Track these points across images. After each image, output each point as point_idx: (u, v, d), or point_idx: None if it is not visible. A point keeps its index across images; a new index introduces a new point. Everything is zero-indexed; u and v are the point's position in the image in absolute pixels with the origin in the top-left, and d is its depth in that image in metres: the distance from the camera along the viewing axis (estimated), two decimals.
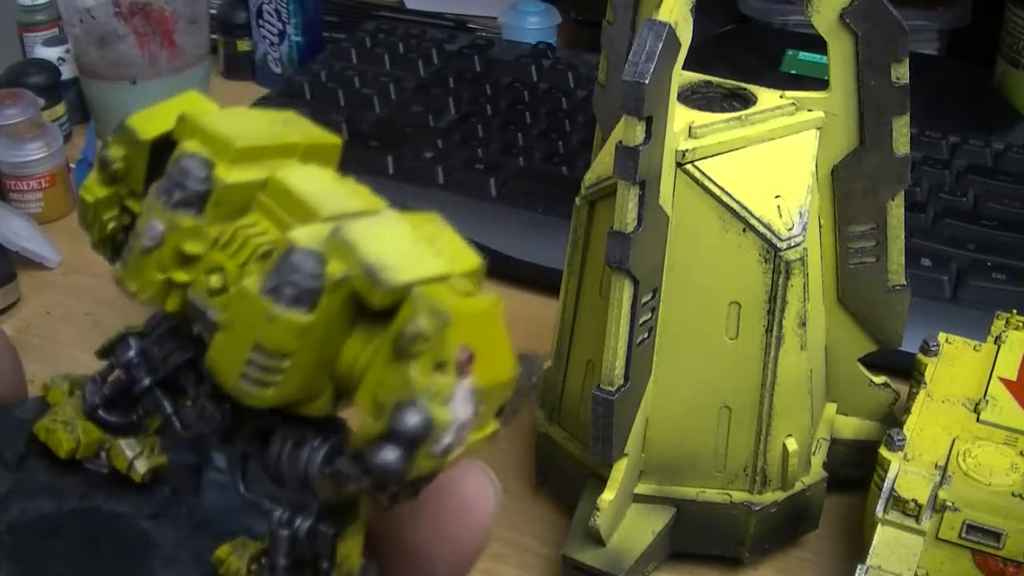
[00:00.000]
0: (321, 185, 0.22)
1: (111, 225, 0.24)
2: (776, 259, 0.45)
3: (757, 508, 0.49)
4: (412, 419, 0.19)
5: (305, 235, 0.21)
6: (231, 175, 0.22)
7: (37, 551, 0.23)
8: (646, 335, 0.45)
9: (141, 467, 0.24)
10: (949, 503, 0.45)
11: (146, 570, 0.23)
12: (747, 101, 0.48)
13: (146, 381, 0.24)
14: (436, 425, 0.19)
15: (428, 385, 0.19)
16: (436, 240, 0.21)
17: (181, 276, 0.22)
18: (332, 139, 0.24)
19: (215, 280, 0.22)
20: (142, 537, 0.24)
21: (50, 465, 0.24)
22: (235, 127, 0.23)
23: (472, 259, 0.21)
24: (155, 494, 0.25)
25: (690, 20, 0.42)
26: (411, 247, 0.21)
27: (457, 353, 0.20)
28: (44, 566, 0.23)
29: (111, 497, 0.24)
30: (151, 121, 0.23)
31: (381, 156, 0.73)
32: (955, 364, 0.52)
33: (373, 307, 0.20)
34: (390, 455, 0.19)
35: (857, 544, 0.49)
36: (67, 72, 0.85)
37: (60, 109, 0.82)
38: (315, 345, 0.20)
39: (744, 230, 0.45)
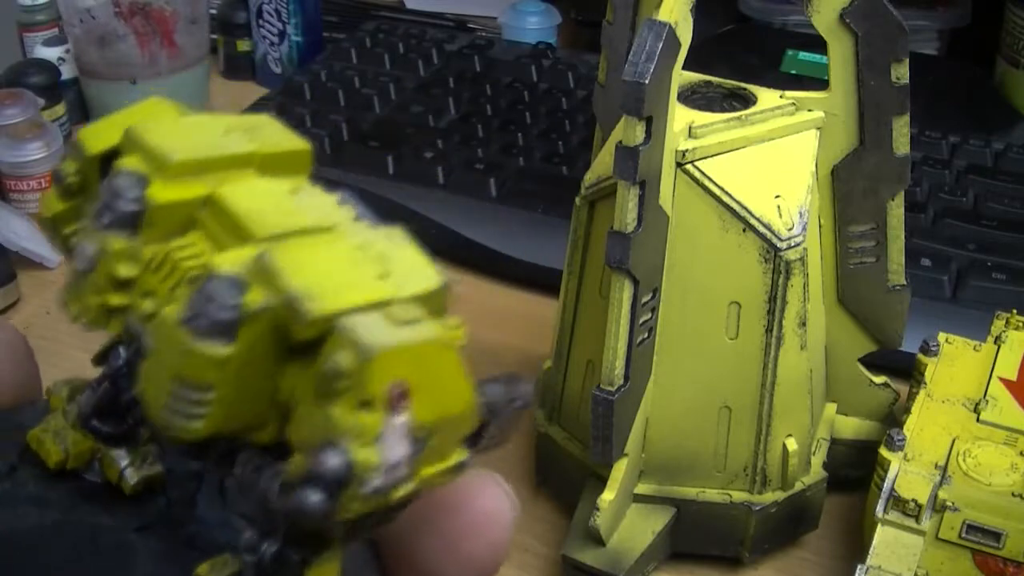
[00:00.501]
0: (267, 201, 0.21)
1: (73, 240, 0.23)
2: (776, 259, 0.45)
3: (757, 508, 0.49)
4: (332, 461, 0.18)
5: (228, 260, 0.19)
6: (164, 194, 0.21)
7: (10, 567, 0.22)
8: (646, 335, 0.45)
9: (132, 477, 0.24)
10: (949, 503, 0.45)
11: None
12: (747, 101, 0.48)
13: (132, 391, 0.22)
14: (359, 467, 0.18)
15: (351, 425, 0.18)
16: (387, 260, 0.20)
17: (117, 300, 0.21)
18: (299, 145, 0.23)
19: (148, 305, 0.21)
20: (124, 552, 0.23)
21: (41, 475, 0.24)
22: (182, 139, 0.21)
23: (429, 280, 0.20)
24: (147, 505, 0.24)
25: (690, 20, 0.42)
26: (348, 270, 0.20)
27: (387, 389, 0.18)
28: None
29: (100, 509, 0.24)
30: (100, 134, 0.22)
31: (381, 156, 0.73)
32: (955, 364, 0.52)
33: (298, 339, 0.19)
34: (311, 497, 0.18)
35: (857, 544, 0.49)
36: (67, 72, 0.85)
37: (60, 109, 0.82)
38: (241, 376, 0.19)
39: (744, 230, 0.45)
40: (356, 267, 0.20)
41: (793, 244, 0.45)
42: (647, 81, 0.39)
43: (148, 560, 0.23)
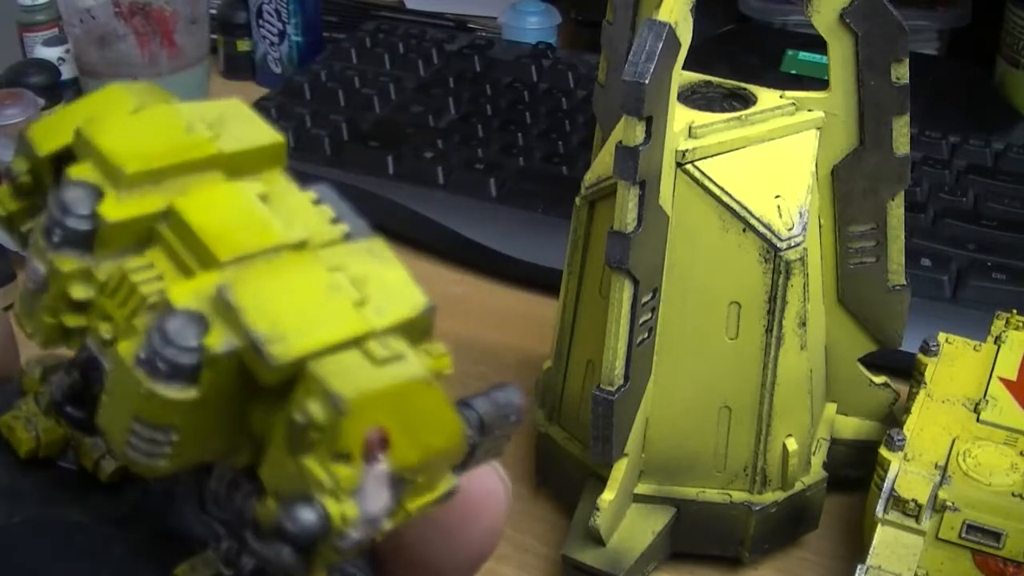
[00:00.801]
0: (232, 214, 0.19)
1: (32, 237, 0.21)
2: (776, 259, 0.45)
3: (757, 508, 0.49)
4: (305, 517, 0.17)
5: (186, 294, 0.18)
6: (117, 211, 0.19)
7: None
8: (646, 335, 0.45)
9: (108, 466, 0.22)
10: (949, 503, 0.45)
11: None
12: (747, 101, 0.48)
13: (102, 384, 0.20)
14: (336, 522, 0.17)
15: (325, 479, 0.17)
16: (365, 283, 0.18)
17: (72, 321, 0.19)
18: (269, 139, 0.21)
19: (105, 329, 0.19)
20: (98, 549, 0.21)
21: (13, 463, 0.22)
22: (139, 140, 0.19)
23: (411, 303, 0.19)
24: (124, 495, 0.22)
25: (690, 20, 0.42)
26: (321, 300, 0.18)
27: (365, 439, 0.17)
28: None
29: (74, 500, 0.22)
30: (51, 131, 0.20)
31: (381, 156, 0.73)
32: (955, 364, 0.52)
33: (264, 384, 0.17)
34: (283, 552, 0.17)
35: (857, 544, 0.49)
36: (67, 72, 0.85)
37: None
38: (205, 416, 0.18)
39: (744, 230, 0.45)
40: (329, 295, 0.18)
41: (793, 244, 0.45)
42: (647, 81, 0.39)
43: (125, 556, 0.21)
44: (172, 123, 0.20)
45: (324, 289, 0.18)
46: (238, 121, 0.21)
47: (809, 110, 0.47)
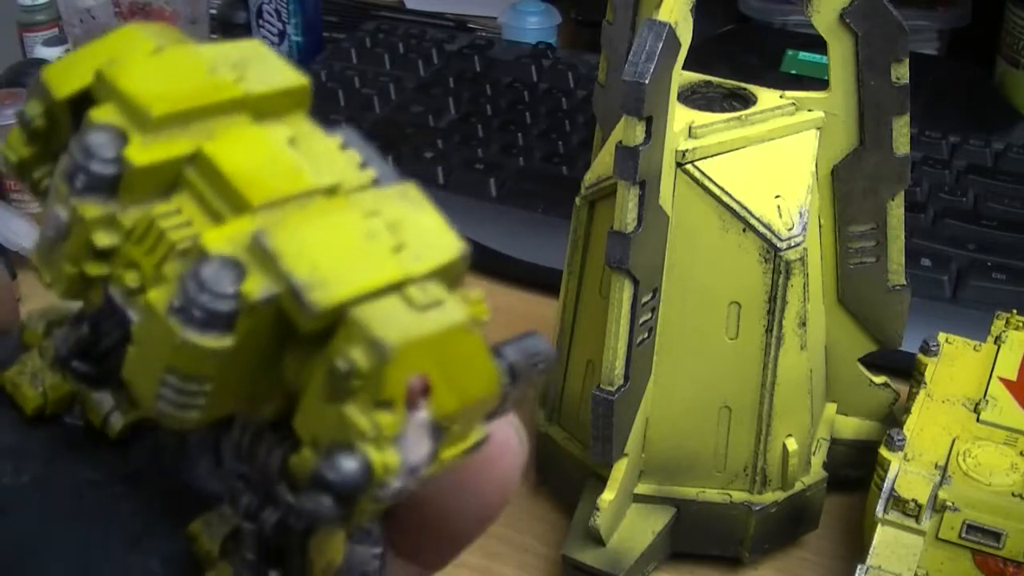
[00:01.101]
0: (262, 157, 0.18)
1: (44, 183, 0.20)
2: (776, 259, 0.45)
3: (757, 508, 0.49)
4: (347, 465, 0.17)
5: (222, 239, 0.17)
6: (144, 155, 0.18)
7: None
8: (646, 335, 0.45)
9: (117, 423, 0.21)
10: (949, 503, 0.45)
11: (108, 553, 0.20)
12: (747, 101, 0.48)
13: (115, 336, 0.19)
14: (378, 471, 0.17)
15: (368, 427, 0.17)
16: (400, 227, 0.18)
17: (95, 270, 0.19)
18: (294, 81, 0.20)
19: (131, 278, 0.18)
20: (109, 509, 0.21)
21: (19, 419, 0.21)
22: (162, 82, 0.19)
23: (448, 248, 0.18)
24: (134, 451, 0.21)
25: (690, 20, 0.42)
26: (358, 245, 0.17)
27: (408, 386, 0.17)
28: None
29: (83, 457, 0.21)
30: (69, 72, 0.19)
31: (381, 156, 0.73)
32: (955, 364, 0.52)
33: (304, 331, 0.17)
34: (324, 502, 0.17)
35: (857, 544, 0.49)
36: None
37: None
38: (240, 365, 0.17)
39: (744, 230, 0.45)
40: (367, 241, 0.17)
41: (793, 244, 0.45)
42: (647, 81, 0.39)
43: (137, 514, 0.21)
44: (195, 64, 0.19)
45: (361, 235, 0.18)
46: (261, 62, 0.20)
47: (809, 110, 0.47)
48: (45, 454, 0.21)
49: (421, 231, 0.18)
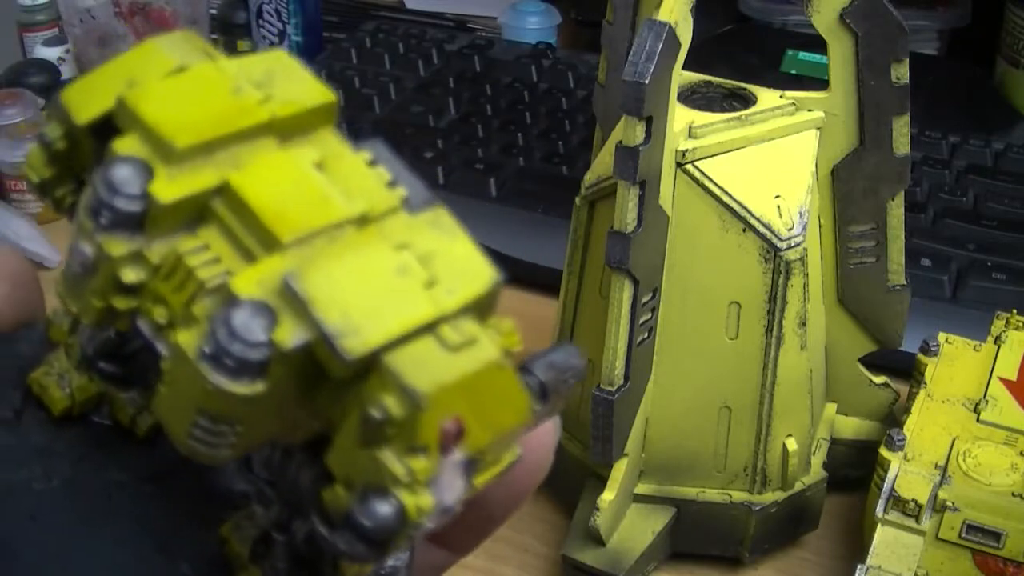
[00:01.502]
0: (290, 187, 0.18)
1: (68, 200, 0.20)
2: (776, 259, 0.45)
3: (757, 508, 0.49)
4: (382, 510, 0.17)
5: (251, 283, 0.17)
6: (170, 190, 0.18)
7: (14, 537, 0.20)
8: (646, 335, 0.45)
9: (145, 421, 0.21)
10: (949, 503, 0.45)
11: (139, 556, 0.20)
12: (747, 101, 0.48)
13: (141, 342, 0.19)
14: (412, 514, 0.17)
15: (402, 472, 0.17)
16: (432, 259, 0.18)
17: (123, 304, 0.18)
18: (323, 97, 0.19)
19: (159, 314, 0.18)
20: (139, 510, 0.21)
21: (47, 418, 0.21)
22: (185, 107, 0.18)
23: (481, 278, 0.18)
24: (162, 449, 0.21)
25: (690, 20, 0.42)
26: (390, 283, 0.17)
27: (441, 430, 0.17)
28: (17, 557, 0.20)
29: (111, 458, 0.21)
30: (88, 95, 0.19)
31: None
32: (955, 364, 0.52)
33: (336, 376, 0.17)
34: (358, 547, 0.17)
35: (857, 544, 0.49)
36: (67, 72, 0.85)
37: None
38: (271, 405, 0.17)
39: (744, 230, 0.45)
40: (398, 278, 0.17)
41: (793, 244, 0.45)
42: (647, 81, 0.39)
43: (166, 516, 0.21)
44: (218, 85, 0.19)
45: (392, 271, 0.17)
46: (286, 77, 0.19)
47: (809, 110, 0.47)
48: (73, 454, 0.21)
49: (453, 261, 0.18)
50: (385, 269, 0.17)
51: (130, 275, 0.18)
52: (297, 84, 0.19)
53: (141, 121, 0.18)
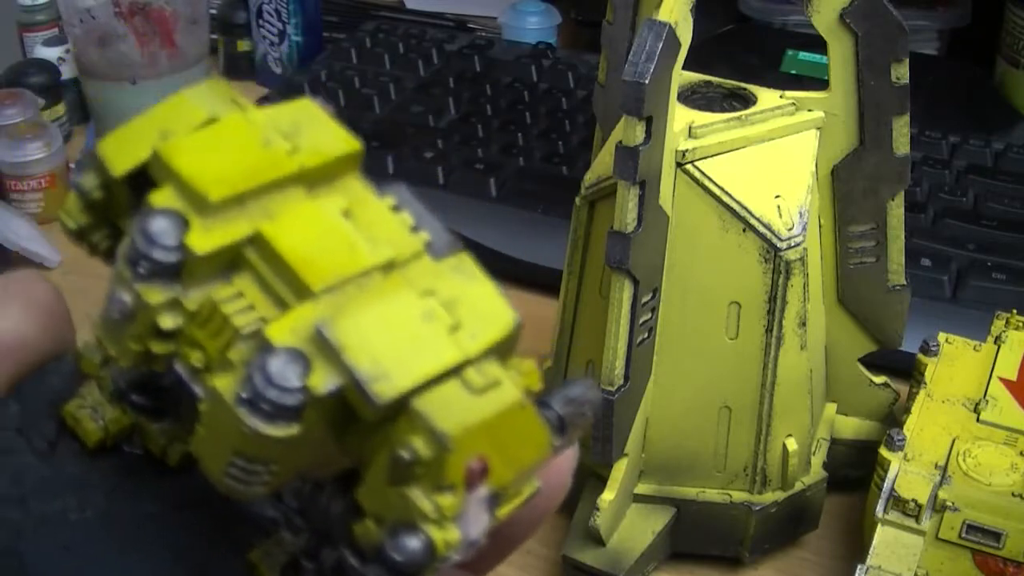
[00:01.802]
0: (320, 235, 0.19)
1: (104, 244, 0.21)
2: (776, 259, 0.45)
3: (757, 508, 0.49)
4: (412, 545, 0.18)
5: (285, 331, 0.18)
6: (206, 242, 0.19)
7: (50, 567, 0.21)
8: (646, 335, 0.45)
9: (176, 451, 0.22)
10: (949, 503, 0.45)
11: None
12: (747, 101, 0.48)
13: (173, 377, 0.20)
14: (440, 548, 0.18)
15: (430, 509, 0.18)
16: (456, 304, 0.19)
17: (161, 348, 0.19)
18: (349, 146, 0.21)
19: (196, 358, 0.19)
20: (172, 540, 0.22)
21: (80, 450, 0.22)
22: (218, 160, 0.19)
23: (502, 322, 0.19)
24: (193, 478, 0.21)
25: (690, 20, 0.42)
26: (417, 329, 0.18)
27: (467, 469, 0.18)
28: None
29: (143, 487, 0.22)
30: (123, 148, 0.20)
31: (381, 156, 0.73)
32: (955, 364, 0.52)
33: (367, 419, 0.18)
34: None
35: (857, 544, 0.49)
36: (67, 72, 0.85)
37: (60, 109, 0.82)
38: (305, 446, 0.18)
39: (744, 230, 0.45)
40: (424, 322, 0.18)
41: (793, 244, 0.45)
42: (647, 81, 0.39)
43: (198, 545, 0.22)
44: (248, 136, 0.20)
45: (419, 318, 0.18)
46: (313, 127, 0.20)
47: (809, 110, 0.47)
48: (107, 485, 0.22)
49: (475, 305, 0.19)
50: (412, 315, 0.18)
51: (168, 322, 0.19)
52: (323, 133, 0.20)
53: (176, 174, 0.19)
